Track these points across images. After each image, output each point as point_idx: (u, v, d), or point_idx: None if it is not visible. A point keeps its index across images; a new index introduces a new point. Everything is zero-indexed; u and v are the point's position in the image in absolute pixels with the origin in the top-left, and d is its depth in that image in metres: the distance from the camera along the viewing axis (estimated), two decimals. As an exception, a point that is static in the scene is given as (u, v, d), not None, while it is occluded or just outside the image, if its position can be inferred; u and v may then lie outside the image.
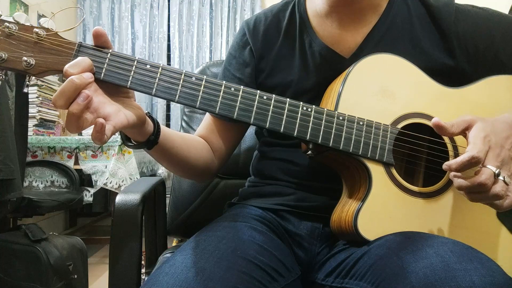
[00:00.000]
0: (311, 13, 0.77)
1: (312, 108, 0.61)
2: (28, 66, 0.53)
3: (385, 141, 0.63)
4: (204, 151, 0.79)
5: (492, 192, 0.55)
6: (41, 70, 0.53)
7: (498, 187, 0.55)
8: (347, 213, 0.63)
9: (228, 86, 0.59)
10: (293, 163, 0.76)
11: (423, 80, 0.67)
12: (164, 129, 0.67)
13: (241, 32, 0.83)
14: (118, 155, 2.09)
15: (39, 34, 0.53)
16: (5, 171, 1.30)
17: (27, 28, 0.53)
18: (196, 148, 0.77)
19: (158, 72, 0.56)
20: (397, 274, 0.49)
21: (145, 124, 0.62)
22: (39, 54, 0.53)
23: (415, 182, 0.69)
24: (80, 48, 0.55)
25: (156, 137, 0.65)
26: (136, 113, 0.58)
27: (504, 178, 0.55)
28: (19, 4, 2.64)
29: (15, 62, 0.52)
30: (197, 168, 0.78)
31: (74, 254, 1.61)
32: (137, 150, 2.33)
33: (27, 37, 0.53)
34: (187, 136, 0.79)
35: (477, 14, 0.74)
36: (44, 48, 0.53)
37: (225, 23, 3.31)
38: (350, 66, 0.66)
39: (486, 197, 0.56)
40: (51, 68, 0.54)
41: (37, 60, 0.53)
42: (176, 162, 0.74)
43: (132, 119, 0.57)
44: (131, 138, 0.64)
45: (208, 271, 0.51)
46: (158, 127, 0.65)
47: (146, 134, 0.64)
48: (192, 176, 0.84)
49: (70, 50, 0.54)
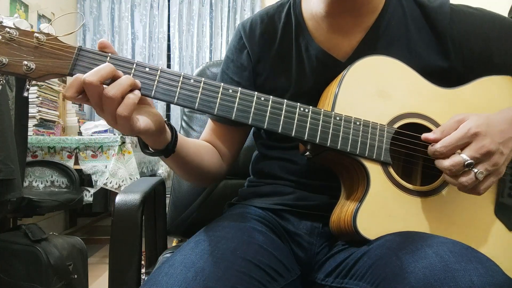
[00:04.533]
0: (307, 16, 0.77)
1: (309, 109, 0.62)
2: (29, 70, 0.53)
3: (382, 141, 0.64)
4: (215, 156, 0.80)
5: (458, 181, 0.58)
6: (41, 74, 0.54)
7: (464, 178, 0.57)
8: (346, 213, 0.63)
9: (226, 87, 0.59)
10: (292, 162, 0.76)
11: (418, 81, 0.68)
12: (179, 137, 0.68)
13: (237, 35, 0.83)
14: (118, 155, 2.09)
15: (39, 38, 0.54)
16: (5, 171, 1.30)
17: (27, 33, 0.54)
18: (208, 154, 0.78)
19: (157, 74, 0.57)
20: (397, 274, 0.50)
21: (164, 132, 0.63)
22: (39, 58, 0.54)
23: (412, 181, 0.70)
24: (80, 51, 0.55)
25: (174, 146, 0.65)
26: (155, 120, 0.59)
27: (477, 171, 0.57)
28: (19, 4, 2.64)
29: (15, 66, 0.53)
30: (210, 174, 0.79)
31: (74, 254, 1.61)
32: (137, 150, 2.33)
33: (28, 41, 0.54)
34: (199, 142, 0.79)
35: (472, 15, 0.74)
36: (44, 53, 0.54)
37: (225, 23, 3.31)
38: (345, 69, 0.67)
39: (454, 183, 0.59)
40: (51, 72, 0.55)
41: (38, 64, 0.54)
42: (190, 169, 0.74)
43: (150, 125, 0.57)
44: (149, 146, 0.65)
45: (207, 271, 0.51)
46: (176, 136, 0.66)
47: (165, 142, 0.64)
48: (205, 182, 0.85)
49: (70, 54, 0.55)
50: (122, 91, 0.53)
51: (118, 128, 0.56)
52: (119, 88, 0.53)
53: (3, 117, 1.30)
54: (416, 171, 0.72)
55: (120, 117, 0.53)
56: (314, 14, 0.75)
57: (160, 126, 0.60)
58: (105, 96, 0.53)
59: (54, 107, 2.41)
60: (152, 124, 0.58)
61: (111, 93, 0.53)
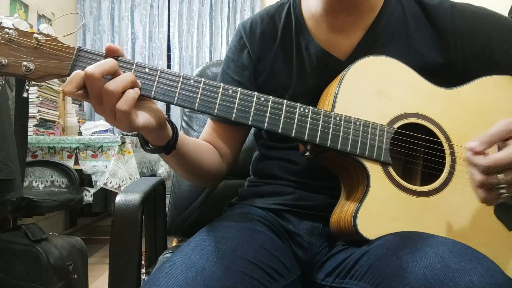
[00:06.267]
0: (306, 15, 0.77)
1: (309, 109, 0.62)
2: (28, 71, 0.53)
3: (382, 141, 0.64)
4: (215, 156, 0.80)
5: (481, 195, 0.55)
6: (40, 74, 0.54)
7: (488, 196, 0.55)
8: (346, 213, 0.63)
9: (226, 88, 0.59)
10: (292, 162, 0.76)
11: (418, 81, 0.68)
12: (180, 134, 0.67)
13: (238, 35, 0.83)
14: (118, 155, 2.09)
15: (39, 39, 0.54)
16: (5, 171, 1.30)
17: (26, 34, 0.54)
18: (208, 153, 0.78)
19: (157, 75, 0.57)
20: (397, 275, 0.50)
21: (165, 128, 0.62)
22: (38, 59, 0.54)
23: (413, 181, 0.70)
24: (79, 52, 0.55)
25: (174, 142, 0.65)
26: (156, 116, 0.59)
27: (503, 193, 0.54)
28: (19, 4, 2.64)
29: (15, 67, 0.53)
30: (210, 173, 0.78)
31: (74, 254, 1.61)
32: (137, 150, 2.32)
33: (27, 42, 0.53)
34: (199, 141, 0.79)
35: (473, 12, 0.74)
36: (43, 53, 0.54)
37: (225, 23, 3.31)
38: (345, 69, 0.67)
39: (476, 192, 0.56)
40: (50, 72, 0.54)
41: (37, 65, 0.54)
42: (190, 167, 0.74)
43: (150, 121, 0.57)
44: (150, 142, 0.64)
45: (208, 271, 0.51)
46: (177, 132, 0.65)
47: (165, 138, 0.64)
48: (205, 182, 0.85)
49: (70, 55, 0.55)
50: (123, 86, 0.53)
51: (117, 124, 0.55)
52: (121, 82, 0.53)
53: (3, 117, 1.30)
54: (416, 171, 0.72)
55: (119, 112, 0.53)
56: (314, 13, 0.75)
57: (160, 122, 0.60)
58: (105, 90, 0.52)
59: (54, 107, 2.41)
60: (153, 119, 0.58)
61: (111, 87, 0.52)
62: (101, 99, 0.53)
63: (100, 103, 0.54)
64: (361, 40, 0.73)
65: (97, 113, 0.56)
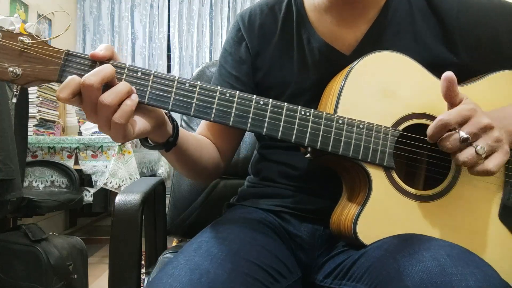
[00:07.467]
0: (308, 7, 0.74)
1: (310, 112, 0.60)
2: (15, 76, 0.50)
3: (385, 145, 0.62)
4: (214, 152, 0.79)
5: (460, 159, 0.55)
6: (28, 80, 0.51)
7: (464, 154, 0.54)
8: (346, 217, 0.62)
9: (223, 92, 0.57)
10: (292, 167, 0.74)
11: (426, 78, 0.65)
12: (181, 131, 0.66)
13: (235, 26, 0.79)
14: (118, 155, 2.09)
15: (24, 42, 0.51)
16: (5, 171, 1.30)
17: (12, 36, 0.50)
18: (207, 149, 0.77)
19: (149, 79, 0.55)
20: (394, 278, 0.49)
21: (165, 125, 0.61)
22: (25, 63, 0.51)
23: (416, 184, 0.68)
24: (67, 56, 0.53)
25: (175, 139, 0.64)
26: (152, 117, 0.57)
27: (477, 147, 0.54)
28: (19, 4, 2.64)
29: (1, 72, 0.50)
30: (208, 169, 0.77)
31: (74, 254, 1.61)
32: (137, 150, 2.32)
33: (12, 45, 0.50)
34: (200, 137, 0.77)
35: (479, 3, 0.72)
36: (30, 58, 0.51)
37: (225, 23, 3.31)
38: (350, 65, 0.64)
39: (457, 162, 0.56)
40: (39, 78, 0.52)
41: (24, 70, 0.51)
42: (190, 164, 0.73)
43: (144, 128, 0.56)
44: (149, 139, 0.63)
45: (212, 274, 0.50)
46: (178, 129, 0.64)
47: (166, 135, 0.62)
48: (202, 178, 0.84)
49: (58, 59, 0.52)
50: (119, 98, 0.51)
51: (110, 134, 0.53)
52: (116, 95, 0.51)
53: (3, 117, 1.30)
54: (420, 174, 0.70)
55: (116, 125, 0.51)
56: (317, 5, 0.72)
57: (158, 122, 0.58)
58: (100, 103, 0.50)
59: (54, 107, 2.41)
60: (148, 124, 0.56)
61: (107, 101, 0.50)
62: (95, 109, 0.51)
63: (95, 112, 0.52)
64: (366, 33, 0.71)
65: (90, 121, 0.54)
